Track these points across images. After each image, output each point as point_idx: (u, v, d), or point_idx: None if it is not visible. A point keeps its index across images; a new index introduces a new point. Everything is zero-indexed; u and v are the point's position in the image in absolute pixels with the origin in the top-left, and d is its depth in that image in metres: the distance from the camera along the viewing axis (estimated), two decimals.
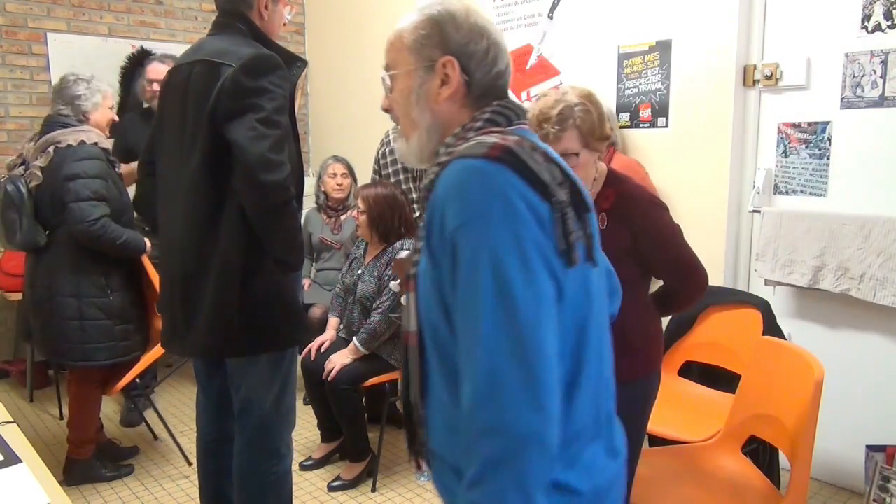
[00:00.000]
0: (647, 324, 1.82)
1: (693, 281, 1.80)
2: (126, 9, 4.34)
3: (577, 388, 0.94)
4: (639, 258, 1.73)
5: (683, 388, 2.58)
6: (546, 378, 0.85)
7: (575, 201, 0.94)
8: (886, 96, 2.50)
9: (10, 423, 1.69)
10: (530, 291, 0.86)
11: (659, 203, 1.78)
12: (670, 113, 3.06)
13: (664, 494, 1.95)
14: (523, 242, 0.86)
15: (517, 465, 0.83)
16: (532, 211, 0.88)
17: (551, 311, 0.88)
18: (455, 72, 1.03)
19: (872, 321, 2.61)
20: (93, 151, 2.66)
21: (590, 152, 1.71)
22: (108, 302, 2.68)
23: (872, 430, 2.58)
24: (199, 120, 1.77)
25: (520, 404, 0.83)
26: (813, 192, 2.73)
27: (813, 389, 1.73)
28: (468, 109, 1.04)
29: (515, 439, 0.83)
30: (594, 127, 1.68)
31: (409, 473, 2.96)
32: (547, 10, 3.51)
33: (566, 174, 0.96)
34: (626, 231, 1.71)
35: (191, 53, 1.87)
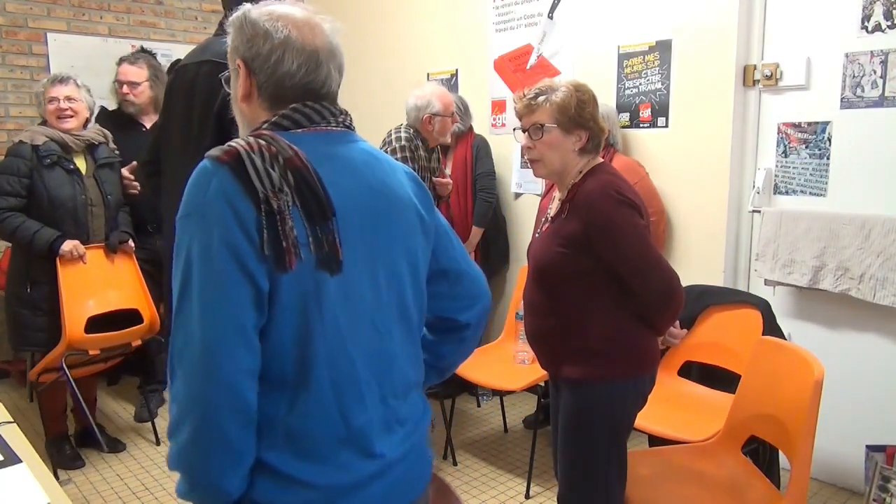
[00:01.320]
0: (609, 326, 1.73)
1: (648, 285, 1.68)
2: (126, 9, 4.34)
3: (301, 389, 0.99)
4: (593, 252, 1.68)
5: (683, 388, 2.57)
6: (212, 364, 0.92)
7: (309, 209, 0.98)
8: (886, 96, 2.50)
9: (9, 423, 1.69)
10: (208, 290, 0.92)
11: (616, 198, 1.67)
12: (670, 113, 3.06)
13: (664, 494, 1.95)
14: (214, 244, 0.92)
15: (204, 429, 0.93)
16: (235, 215, 0.93)
17: (233, 310, 0.93)
18: (241, 75, 1.08)
19: (872, 321, 2.61)
20: (13, 149, 2.89)
21: (562, 133, 1.73)
22: (25, 293, 2.88)
23: (872, 430, 2.58)
24: (206, 120, 1.77)
25: (199, 384, 0.93)
26: (813, 192, 2.73)
27: (813, 389, 1.73)
28: (265, 111, 1.08)
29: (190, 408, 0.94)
30: (568, 106, 1.71)
31: None
32: (547, 10, 3.51)
33: (305, 182, 0.98)
34: (577, 223, 1.69)
35: (197, 53, 1.88)
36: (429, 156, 3.14)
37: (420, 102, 3.04)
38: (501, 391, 3.44)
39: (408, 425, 1.14)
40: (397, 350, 1.11)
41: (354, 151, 1.11)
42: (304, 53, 1.07)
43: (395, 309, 1.11)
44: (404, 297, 1.12)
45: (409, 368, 1.15)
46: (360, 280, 1.04)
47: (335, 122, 1.10)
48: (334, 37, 1.12)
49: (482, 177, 3.53)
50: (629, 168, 3.01)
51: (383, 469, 1.07)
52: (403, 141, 3.03)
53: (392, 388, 1.11)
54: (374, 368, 1.07)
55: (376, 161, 1.12)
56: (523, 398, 3.65)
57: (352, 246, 1.02)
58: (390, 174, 1.13)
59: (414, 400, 1.17)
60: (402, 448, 1.11)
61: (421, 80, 4.07)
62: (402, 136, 3.05)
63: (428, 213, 1.18)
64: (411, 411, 1.15)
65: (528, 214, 3.63)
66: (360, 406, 1.05)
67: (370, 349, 1.06)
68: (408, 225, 1.13)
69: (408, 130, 3.08)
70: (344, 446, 1.03)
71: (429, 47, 4.19)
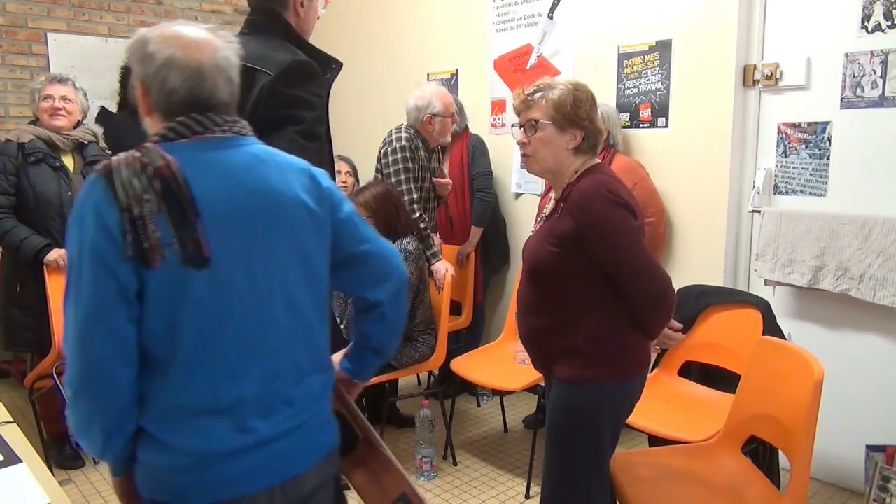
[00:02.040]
0: (602, 328, 1.71)
1: (639, 287, 1.67)
2: (126, 9, 4.35)
3: (172, 367, 1.14)
4: (585, 252, 1.68)
5: (683, 388, 2.57)
6: (82, 351, 1.10)
7: (174, 213, 1.11)
8: (886, 96, 2.50)
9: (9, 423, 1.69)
10: (79, 286, 1.09)
11: (609, 198, 1.66)
12: (670, 113, 3.06)
13: (664, 494, 1.95)
14: (85, 246, 1.08)
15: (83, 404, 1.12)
16: (99, 221, 1.08)
17: (99, 303, 1.08)
18: (139, 93, 1.22)
19: (872, 321, 2.61)
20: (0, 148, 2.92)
21: (556, 130, 1.73)
22: (15, 293, 2.91)
23: (872, 430, 2.58)
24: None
25: (76, 367, 1.10)
26: (813, 192, 2.73)
27: (813, 389, 1.73)
28: (160, 123, 1.21)
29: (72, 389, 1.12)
30: (564, 104, 1.71)
31: (410, 473, 2.96)
32: (547, 10, 3.51)
33: (170, 188, 1.11)
34: (570, 222, 1.68)
35: None
36: (429, 156, 3.14)
37: (420, 103, 3.04)
38: (501, 391, 3.44)
39: (296, 405, 1.24)
40: (283, 337, 1.22)
41: (237, 155, 1.21)
42: (188, 70, 1.20)
43: (280, 299, 1.21)
44: (290, 288, 1.22)
45: (303, 355, 1.25)
46: (232, 273, 1.15)
47: (221, 130, 1.22)
48: (225, 52, 1.26)
49: (479, 176, 3.53)
50: (629, 168, 3.01)
51: (259, 443, 1.18)
52: (404, 141, 3.03)
53: (276, 371, 1.21)
54: (249, 352, 1.18)
55: (260, 163, 1.22)
56: (523, 398, 3.65)
57: (223, 243, 1.14)
58: (275, 174, 1.22)
59: (310, 384, 1.27)
60: (287, 426, 1.22)
61: (421, 80, 4.07)
62: (402, 136, 3.05)
63: (321, 206, 1.26)
64: (302, 394, 1.25)
65: (528, 214, 3.63)
66: (231, 384, 1.17)
67: (245, 336, 1.18)
68: (292, 221, 1.22)
69: (408, 131, 3.08)
70: (215, 419, 1.16)
71: (429, 47, 4.19)
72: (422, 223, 3.02)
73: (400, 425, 3.38)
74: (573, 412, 1.77)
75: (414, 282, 2.82)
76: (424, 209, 3.11)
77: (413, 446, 3.02)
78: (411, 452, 3.05)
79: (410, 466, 3.00)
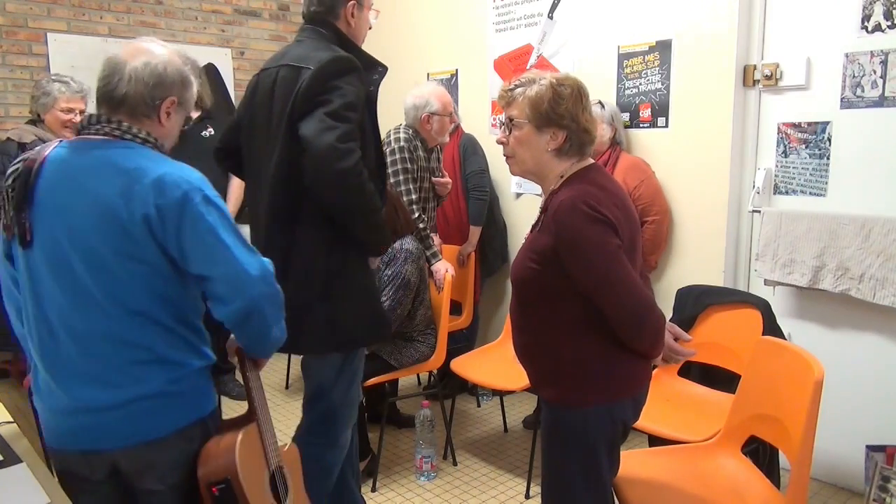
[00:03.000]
0: (584, 349, 1.62)
1: (615, 309, 1.55)
2: (126, 9, 4.34)
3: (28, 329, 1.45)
4: (563, 269, 1.57)
5: (683, 388, 2.58)
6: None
7: (17, 201, 1.38)
8: (886, 96, 2.50)
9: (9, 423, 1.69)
10: None
11: (586, 213, 1.53)
12: (670, 113, 3.06)
13: (664, 494, 1.95)
14: None
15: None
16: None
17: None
18: None
19: (872, 321, 2.61)
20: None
21: (534, 130, 1.60)
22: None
23: (872, 430, 2.58)
24: (280, 122, 1.88)
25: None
26: (813, 192, 2.73)
27: (813, 389, 1.73)
28: None
29: None
30: (540, 101, 1.58)
31: (410, 473, 2.97)
32: (547, 10, 3.51)
33: (23, 181, 1.38)
34: (548, 237, 1.58)
35: (277, 58, 2.01)
36: (428, 156, 3.14)
37: (418, 102, 3.03)
38: (501, 391, 3.44)
39: (113, 390, 1.38)
40: (86, 324, 1.37)
41: (86, 157, 1.39)
42: (108, 68, 1.40)
43: (70, 290, 1.37)
44: (80, 282, 1.36)
45: (107, 345, 1.38)
46: (38, 259, 1.38)
47: (93, 130, 1.40)
48: (154, 61, 1.42)
49: (473, 175, 3.52)
50: (635, 167, 3.01)
51: (78, 409, 1.39)
52: (402, 142, 3.03)
53: (86, 350, 1.38)
54: (54, 330, 1.39)
55: (99, 167, 1.37)
56: (523, 398, 3.65)
57: (46, 230, 1.37)
58: (104, 181, 1.35)
59: (127, 371, 1.39)
60: (109, 401, 1.38)
61: (421, 80, 4.07)
62: (400, 136, 3.05)
63: (138, 214, 1.34)
64: (121, 380, 1.39)
65: (528, 214, 3.63)
66: (43, 350, 1.41)
67: (54, 314, 1.39)
68: (97, 223, 1.35)
69: (406, 131, 3.07)
70: (48, 379, 1.42)
71: (429, 47, 4.19)
72: (421, 223, 3.02)
73: (400, 425, 3.38)
74: (563, 435, 1.69)
75: (414, 282, 2.82)
76: (424, 209, 3.11)
77: (413, 446, 3.02)
78: (411, 452, 3.05)
79: (410, 466, 3.00)
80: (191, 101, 1.52)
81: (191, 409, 1.47)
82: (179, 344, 1.45)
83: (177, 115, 1.49)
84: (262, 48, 4.92)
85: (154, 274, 1.39)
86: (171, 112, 1.47)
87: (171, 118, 1.48)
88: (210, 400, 1.53)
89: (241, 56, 4.82)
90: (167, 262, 1.39)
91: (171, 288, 1.42)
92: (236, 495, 1.48)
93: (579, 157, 1.66)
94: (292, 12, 5.06)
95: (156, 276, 1.39)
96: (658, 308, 1.61)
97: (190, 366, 1.46)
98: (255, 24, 4.89)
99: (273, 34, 4.99)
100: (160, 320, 1.41)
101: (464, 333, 3.64)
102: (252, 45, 4.89)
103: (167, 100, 1.44)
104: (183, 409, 1.46)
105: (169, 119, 1.47)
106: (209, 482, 1.49)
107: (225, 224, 1.41)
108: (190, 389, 1.46)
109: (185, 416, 1.46)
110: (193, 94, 1.52)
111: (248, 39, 4.86)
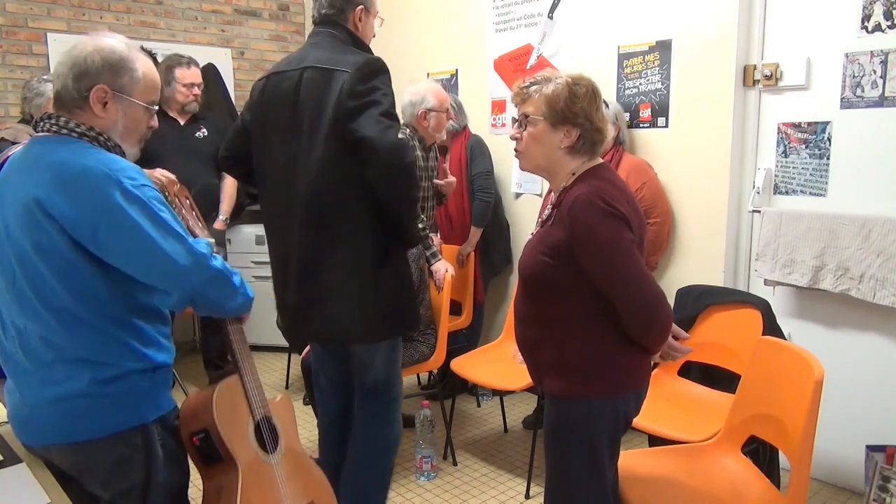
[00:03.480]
0: (591, 342, 1.64)
1: (629, 304, 1.58)
2: (126, 9, 4.34)
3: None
4: (576, 264, 1.59)
5: (683, 388, 2.58)
6: None
7: None
8: (886, 96, 2.50)
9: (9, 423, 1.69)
10: None
11: (602, 208, 1.56)
12: (670, 113, 3.06)
13: (664, 494, 1.95)
14: None
15: None
16: None
17: None
18: None
19: (872, 321, 2.61)
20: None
21: (549, 127, 1.64)
22: None
23: (872, 430, 2.58)
24: (320, 119, 1.96)
25: None
26: (813, 192, 2.73)
27: (813, 389, 1.73)
28: None
29: None
30: (557, 99, 1.62)
31: (410, 473, 2.97)
32: (547, 10, 3.51)
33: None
34: (562, 231, 1.60)
35: (294, 62, 2.06)
36: (426, 155, 3.14)
37: (415, 99, 3.03)
38: (501, 391, 3.44)
39: (46, 386, 1.38)
40: (21, 321, 1.39)
41: (26, 155, 1.41)
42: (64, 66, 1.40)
43: (11, 287, 1.39)
44: (17, 279, 1.37)
45: (39, 344, 1.38)
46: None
47: (39, 128, 1.42)
48: (86, 49, 1.40)
49: (479, 176, 3.52)
50: (638, 168, 3.01)
51: (24, 403, 1.42)
52: None
53: (24, 346, 1.40)
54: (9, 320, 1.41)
55: (30, 163, 1.39)
56: (523, 398, 3.65)
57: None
58: (30, 176, 1.36)
59: (54, 370, 1.38)
60: (41, 398, 1.39)
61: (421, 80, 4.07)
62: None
63: (54, 209, 1.32)
64: (51, 377, 1.38)
65: (529, 214, 3.63)
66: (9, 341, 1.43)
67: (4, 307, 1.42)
68: (20, 219, 1.35)
69: (403, 130, 3.07)
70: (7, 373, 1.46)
71: (429, 47, 4.19)
72: (420, 223, 3.02)
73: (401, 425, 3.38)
74: (566, 428, 1.71)
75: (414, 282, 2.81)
76: (423, 209, 3.11)
77: (413, 446, 3.02)
78: (411, 452, 3.05)
79: (411, 466, 3.00)
80: (134, 87, 1.44)
81: (127, 413, 1.41)
82: (109, 344, 1.39)
83: (118, 104, 1.42)
84: (262, 48, 4.93)
85: (72, 269, 1.35)
86: (108, 101, 1.41)
87: (110, 107, 1.42)
88: (157, 405, 1.47)
89: (241, 56, 4.82)
90: (86, 257, 1.35)
91: (95, 284, 1.37)
92: (215, 444, 1.52)
93: (590, 156, 1.70)
94: (292, 12, 5.06)
95: (75, 272, 1.35)
96: (668, 303, 1.64)
97: (122, 367, 1.40)
98: (255, 24, 4.89)
99: (273, 34, 4.99)
100: (84, 318, 1.37)
101: (464, 333, 3.64)
102: (252, 45, 4.89)
103: (95, 89, 1.39)
104: (116, 412, 1.40)
105: (107, 109, 1.41)
106: (189, 433, 1.55)
107: (149, 215, 1.36)
108: (125, 392, 1.40)
109: (119, 420, 1.40)
110: (136, 78, 1.43)
111: (248, 39, 4.86)
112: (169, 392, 1.53)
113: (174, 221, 1.42)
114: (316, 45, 2.07)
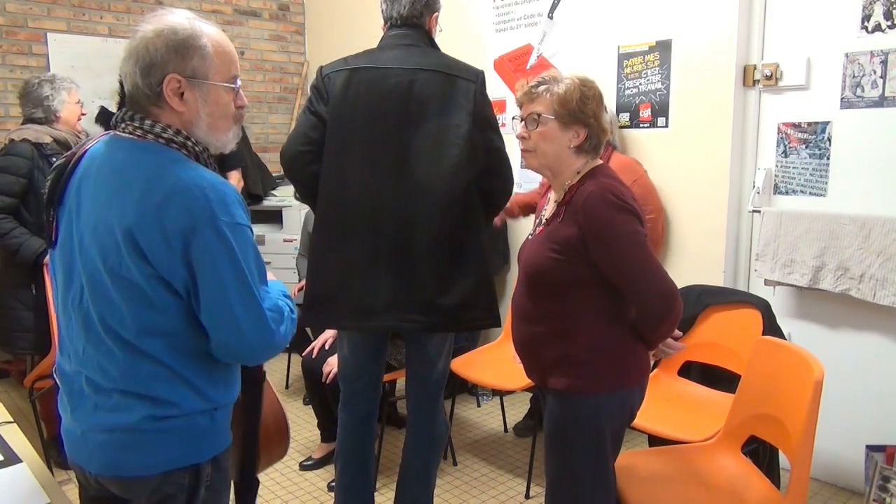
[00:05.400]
0: (599, 337, 1.66)
1: (645, 296, 1.61)
2: (126, 9, 4.34)
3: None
4: (588, 259, 1.61)
5: (683, 388, 2.57)
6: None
7: (50, 197, 1.29)
8: (886, 96, 2.50)
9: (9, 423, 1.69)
10: None
11: (616, 203, 1.60)
12: (670, 113, 3.06)
13: (664, 494, 1.95)
14: None
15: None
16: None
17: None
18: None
19: (872, 321, 2.61)
20: (12, 148, 2.85)
21: (559, 126, 1.66)
22: (29, 294, 2.86)
23: (872, 430, 2.58)
24: (449, 121, 2.06)
25: None
26: (813, 192, 2.73)
27: (813, 389, 1.73)
28: None
29: None
30: (569, 99, 1.65)
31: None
32: (547, 10, 3.51)
33: (56, 177, 1.30)
34: (573, 227, 1.62)
35: (392, 61, 2.10)
36: None
37: None
38: (501, 391, 3.44)
39: (99, 413, 1.25)
40: (81, 343, 1.27)
41: (108, 160, 1.25)
42: (128, 62, 1.24)
43: (78, 307, 1.26)
44: (82, 301, 1.24)
45: (101, 368, 1.23)
46: (58, 264, 1.30)
47: (122, 129, 1.25)
48: (148, 34, 1.21)
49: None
50: (627, 166, 3.00)
51: (76, 426, 1.28)
52: None
53: (84, 365, 1.26)
54: (68, 337, 1.30)
55: (112, 172, 1.22)
56: (523, 398, 3.64)
57: (69, 231, 1.26)
58: (109, 191, 1.21)
59: (111, 400, 1.23)
60: (94, 424, 1.25)
61: None
62: None
63: (143, 242, 1.17)
64: (110, 403, 1.23)
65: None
66: (64, 358, 1.32)
67: (67, 322, 1.30)
68: (96, 237, 1.21)
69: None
70: (62, 385, 1.33)
71: None
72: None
73: (400, 425, 3.38)
74: (571, 424, 1.71)
75: None
76: None
77: None
78: None
79: None
80: (208, 67, 1.24)
81: (181, 451, 1.27)
82: (175, 383, 1.24)
83: (195, 91, 1.24)
84: (262, 48, 4.93)
85: (147, 302, 1.19)
86: (185, 91, 1.23)
87: (188, 97, 1.23)
88: (214, 445, 1.32)
89: (241, 56, 4.82)
90: (167, 291, 1.20)
91: (170, 319, 1.22)
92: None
93: (594, 156, 1.73)
94: (292, 12, 5.06)
95: (150, 305, 1.20)
96: (681, 296, 1.67)
97: (185, 408, 1.25)
98: (255, 24, 4.89)
99: (273, 34, 4.99)
100: (151, 354, 1.21)
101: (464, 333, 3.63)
102: (252, 45, 4.89)
103: (167, 80, 1.21)
104: (171, 449, 1.25)
105: (185, 100, 1.23)
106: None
107: (232, 264, 1.19)
108: (182, 430, 1.26)
109: (172, 458, 1.26)
110: (207, 55, 1.23)
111: (248, 39, 4.86)
112: (228, 430, 1.37)
113: (258, 273, 1.25)
114: (409, 46, 2.14)
